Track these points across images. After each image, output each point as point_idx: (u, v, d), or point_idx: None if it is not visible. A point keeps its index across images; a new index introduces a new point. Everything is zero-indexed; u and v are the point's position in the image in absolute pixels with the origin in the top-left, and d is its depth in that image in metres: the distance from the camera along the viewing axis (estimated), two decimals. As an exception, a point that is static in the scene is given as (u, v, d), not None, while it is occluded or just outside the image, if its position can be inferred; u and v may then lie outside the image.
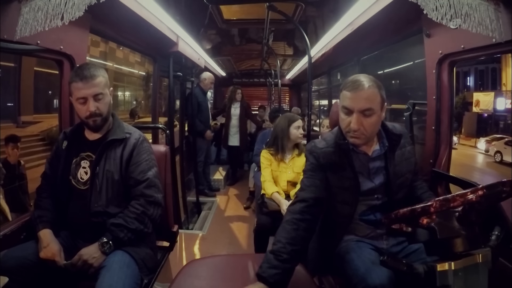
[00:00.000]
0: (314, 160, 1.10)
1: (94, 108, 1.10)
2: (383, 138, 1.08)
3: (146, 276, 1.11)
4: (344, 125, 1.02)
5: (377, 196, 1.08)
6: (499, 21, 0.90)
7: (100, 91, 1.10)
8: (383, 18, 1.52)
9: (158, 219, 1.18)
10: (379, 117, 0.99)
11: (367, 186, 1.06)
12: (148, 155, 1.20)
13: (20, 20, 0.96)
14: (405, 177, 1.08)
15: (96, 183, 1.13)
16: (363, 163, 1.07)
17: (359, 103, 0.96)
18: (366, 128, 0.98)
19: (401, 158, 1.09)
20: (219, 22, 2.55)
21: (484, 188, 0.71)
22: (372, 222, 1.08)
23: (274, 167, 1.97)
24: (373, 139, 1.07)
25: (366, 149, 1.08)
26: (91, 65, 1.14)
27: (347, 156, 1.05)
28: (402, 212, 0.78)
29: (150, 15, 1.66)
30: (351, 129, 0.99)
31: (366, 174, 1.07)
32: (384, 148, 1.08)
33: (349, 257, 0.99)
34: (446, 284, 0.72)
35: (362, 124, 0.97)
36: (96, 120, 1.12)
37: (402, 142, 1.09)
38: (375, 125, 1.00)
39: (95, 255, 1.03)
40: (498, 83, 17.65)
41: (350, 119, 0.99)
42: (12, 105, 10.14)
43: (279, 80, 3.71)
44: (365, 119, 0.97)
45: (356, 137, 1.00)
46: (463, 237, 0.74)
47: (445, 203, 0.72)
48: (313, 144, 1.14)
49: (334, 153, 1.07)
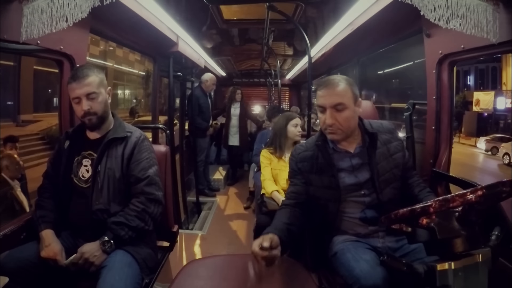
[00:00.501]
0: (294, 165, 1.18)
1: (87, 107, 1.11)
2: (365, 135, 1.12)
3: (147, 276, 1.11)
4: (321, 123, 1.08)
5: (364, 192, 1.09)
6: (496, 22, 0.90)
7: (93, 90, 1.11)
8: (383, 18, 1.52)
9: (158, 217, 1.19)
10: (352, 112, 1.05)
11: (350, 181, 1.09)
12: (149, 153, 1.21)
13: (24, 21, 0.96)
14: (391, 172, 1.10)
15: (98, 181, 1.13)
16: (346, 160, 1.11)
17: (330, 99, 1.03)
18: (341, 123, 1.04)
19: (385, 154, 1.11)
20: (219, 22, 2.55)
21: (483, 188, 0.71)
22: (365, 220, 1.10)
23: (273, 166, 1.98)
24: (353, 136, 1.11)
25: (348, 146, 1.12)
26: (87, 65, 1.16)
27: (324, 155, 1.11)
28: (402, 212, 0.79)
29: (150, 15, 1.66)
30: (327, 124, 1.05)
31: (350, 170, 1.10)
32: (365, 145, 1.11)
33: (345, 258, 1.00)
34: (446, 284, 0.73)
35: (336, 119, 1.03)
36: (91, 119, 1.13)
37: (386, 138, 1.13)
38: (349, 119, 1.05)
39: (96, 253, 1.04)
40: (498, 82, 17.66)
41: (325, 116, 1.05)
42: (11, 103, 10.15)
43: (279, 80, 3.71)
44: (338, 114, 1.03)
45: (332, 132, 1.06)
46: (463, 237, 0.75)
47: (445, 203, 0.72)
48: (293, 149, 1.22)
49: (312, 156, 1.14)
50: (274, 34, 2.89)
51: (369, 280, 0.88)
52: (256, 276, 1.01)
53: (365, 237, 1.10)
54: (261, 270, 1.01)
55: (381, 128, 1.14)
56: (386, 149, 1.11)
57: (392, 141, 1.13)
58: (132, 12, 1.46)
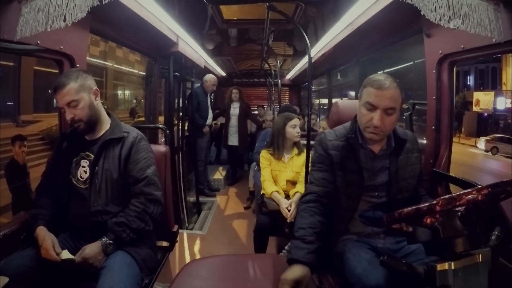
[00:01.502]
0: (322, 151, 1.13)
1: (70, 115, 1.11)
2: (391, 139, 1.11)
3: (146, 276, 1.11)
4: (365, 120, 1.04)
5: (378, 194, 1.10)
6: (498, 21, 0.90)
7: (72, 98, 1.10)
8: (383, 18, 1.52)
9: (158, 217, 1.19)
10: (397, 117, 1.03)
11: (368, 182, 1.09)
12: (147, 153, 1.20)
13: (21, 20, 0.96)
14: (407, 181, 1.10)
15: (96, 182, 1.13)
16: (368, 159, 1.10)
17: (385, 101, 0.99)
18: (386, 126, 1.01)
19: (405, 162, 1.11)
20: (219, 22, 2.55)
21: (489, 187, 0.71)
22: (371, 220, 1.09)
23: (273, 167, 1.98)
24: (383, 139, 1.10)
25: (374, 147, 1.10)
26: (66, 73, 1.15)
27: (354, 151, 1.09)
28: (407, 211, 0.78)
29: (150, 15, 1.66)
30: (373, 125, 1.01)
31: (370, 171, 1.09)
32: (390, 149, 1.10)
33: (346, 257, 1.00)
34: (446, 284, 0.72)
35: (384, 122, 1.00)
36: (79, 125, 1.13)
37: (409, 147, 1.12)
38: (394, 124, 1.04)
39: (98, 256, 1.03)
40: (498, 83, 17.66)
41: (372, 115, 1.01)
42: (11, 104, 10.14)
43: (279, 80, 3.70)
44: (387, 117, 1.00)
45: (375, 133, 1.03)
46: (464, 237, 0.74)
47: (451, 201, 0.72)
48: (322, 135, 1.17)
49: (342, 147, 1.11)
50: (274, 34, 2.89)
51: (371, 280, 0.87)
52: (256, 276, 1.00)
53: (367, 237, 1.10)
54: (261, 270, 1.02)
55: (406, 136, 1.13)
56: (407, 158, 1.11)
57: (414, 152, 1.14)
58: (132, 12, 1.46)
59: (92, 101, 1.16)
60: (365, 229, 1.11)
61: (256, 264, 1.05)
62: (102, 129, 1.20)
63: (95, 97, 1.18)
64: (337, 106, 1.43)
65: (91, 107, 1.15)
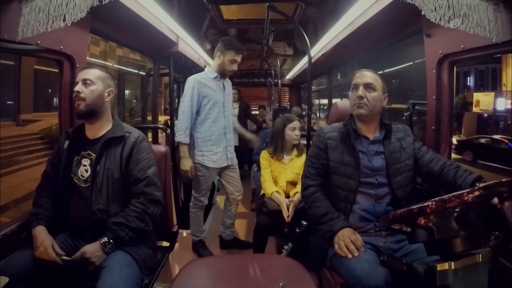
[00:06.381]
0: (318, 142, 1.26)
1: (78, 89, 1.15)
2: (383, 128, 1.23)
3: (146, 276, 1.11)
4: (352, 98, 1.20)
5: (376, 178, 1.16)
6: (497, 22, 0.90)
7: (90, 78, 1.17)
8: (383, 18, 1.52)
9: (158, 217, 1.19)
10: (379, 97, 1.19)
11: (365, 165, 1.17)
12: (148, 153, 1.21)
13: (22, 21, 0.96)
14: (403, 163, 1.18)
15: (97, 181, 1.13)
16: (364, 145, 1.21)
17: (364, 78, 1.19)
18: (370, 101, 1.16)
19: (399, 147, 1.21)
20: (219, 22, 2.55)
21: (480, 189, 0.71)
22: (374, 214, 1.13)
23: (273, 168, 1.98)
24: (374, 124, 1.22)
25: (368, 133, 1.22)
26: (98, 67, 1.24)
27: (350, 137, 1.21)
28: (400, 213, 0.79)
29: (150, 15, 1.66)
30: (357, 97, 1.17)
31: (366, 155, 1.19)
32: (381, 136, 1.22)
33: (346, 258, 1.00)
34: (446, 284, 0.73)
35: (366, 96, 1.16)
36: (79, 104, 1.15)
37: (401, 135, 1.24)
38: (376, 100, 1.18)
39: (97, 253, 1.04)
40: (498, 83, 17.66)
41: (357, 92, 1.18)
42: (12, 103, 10.15)
43: (279, 80, 3.70)
44: (368, 93, 1.17)
45: (360, 106, 1.17)
46: (462, 237, 0.75)
47: (442, 204, 0.72)
48: (320, 129, 1.31)
49: (338, 135, 1.24)
50: (274, 34, 2.89)
51: (371, 281, 0.88)
52: (256, 276, 1.00)
53: (368, 235, 1.11)
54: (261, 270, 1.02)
55: (397, 128, 1.26)
56: (400, 144, 1.21)
57: (406, 137, 1.24)
58: (132, 12, 1.46)
59: (103, 94, 1.20)
60: (366, 226, 1.13)
61: (256, 264, 1.05)
62: (104, 128, 1.21)
63: (108, 95, 1.21)
64: (337, 106, 1.43)
65: (99, 97, 1.18)
